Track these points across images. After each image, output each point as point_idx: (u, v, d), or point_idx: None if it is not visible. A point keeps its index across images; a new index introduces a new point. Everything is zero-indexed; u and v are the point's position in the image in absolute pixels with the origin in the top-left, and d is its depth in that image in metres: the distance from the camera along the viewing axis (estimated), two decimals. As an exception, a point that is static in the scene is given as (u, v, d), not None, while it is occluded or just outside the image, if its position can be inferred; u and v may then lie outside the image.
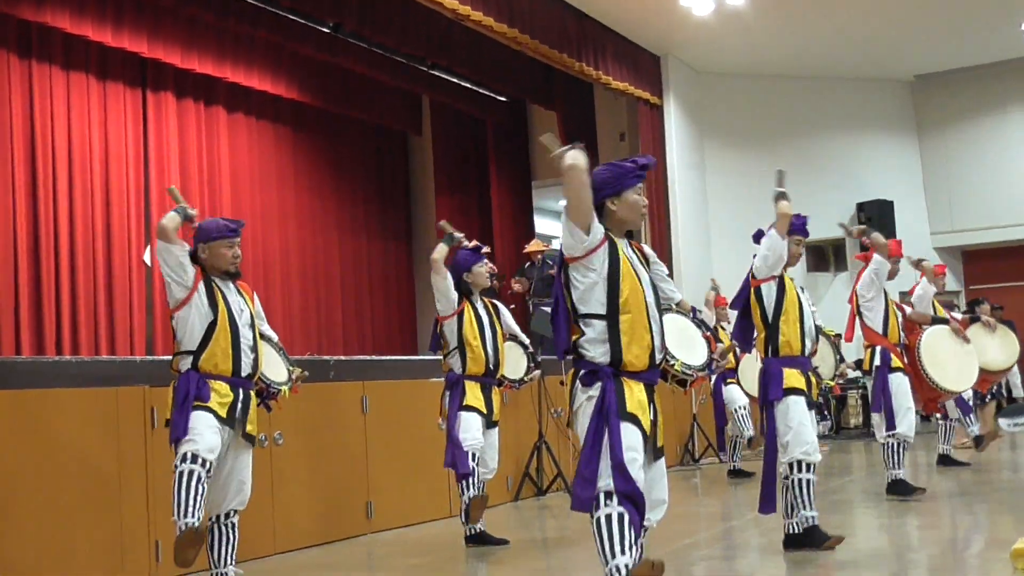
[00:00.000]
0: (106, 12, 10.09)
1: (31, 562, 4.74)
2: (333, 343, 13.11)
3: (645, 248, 4.06)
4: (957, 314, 8.61)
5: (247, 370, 4.65)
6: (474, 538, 6.05)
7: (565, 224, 3.68)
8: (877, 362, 7.13)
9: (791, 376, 5.27)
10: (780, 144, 14.37)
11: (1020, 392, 11.77)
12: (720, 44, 13.18)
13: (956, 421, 8.98)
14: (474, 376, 5.98)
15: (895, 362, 7.09)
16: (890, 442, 7.00)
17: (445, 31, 11.35)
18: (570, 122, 13.32)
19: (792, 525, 5.30)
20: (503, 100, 14.26)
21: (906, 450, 7.07)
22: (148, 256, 9.26)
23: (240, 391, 4.62)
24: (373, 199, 14.48)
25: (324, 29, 11.14)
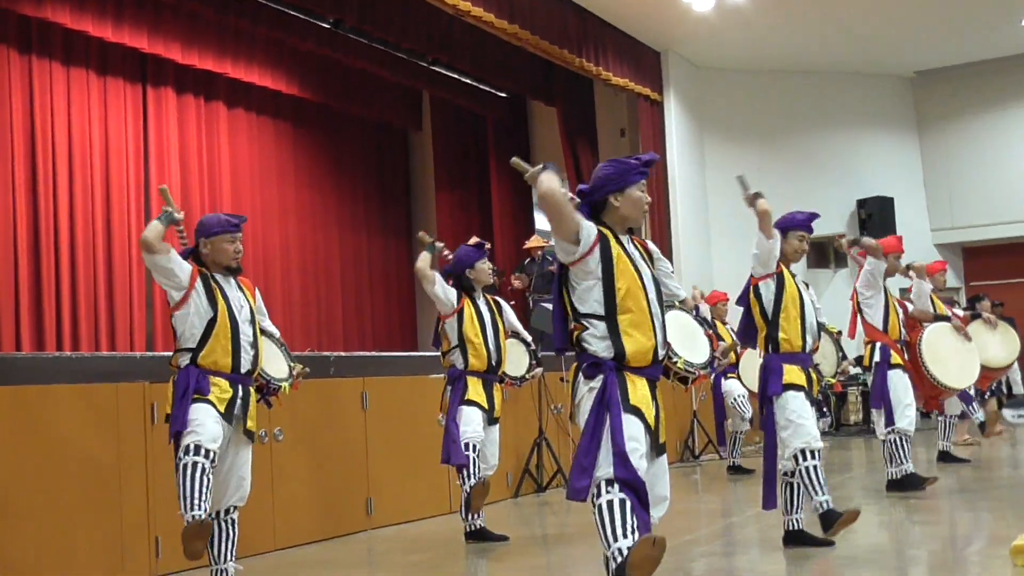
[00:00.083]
0: (106, 8, 10.09)
1: (31, 558, 4.74)
2: (333, 339, 13.11)
3: (649, 244, 4.07)
4: (958, 310, 8.59)
5: (247, 367, 4.65)
6: (474, 534, 6.05)
7: (554, 240, 3.79)
8: (877, 358, 7.12)
9: (791, 372, 5.26)
10: (780, 140, 14.38)
11: (1020, 389, 11.78)
12: (720, 39, 13.16)
13: (955, 418, 8.99)
14: (476, 372, 5.99)
15: (895, 358, 7.09)
16: (891, 438, 7.00)
17: (446, 27, 11.36)
18: (570, 118, 13.32)
19: (792, 522, 5.31)
20: (503, 96, 14.24)
21: (908, 443, 7.06)
22: None
23: (239, 388, 4.61)
24: (373, 195, 14.47)
25: (324, 25, 11.13)
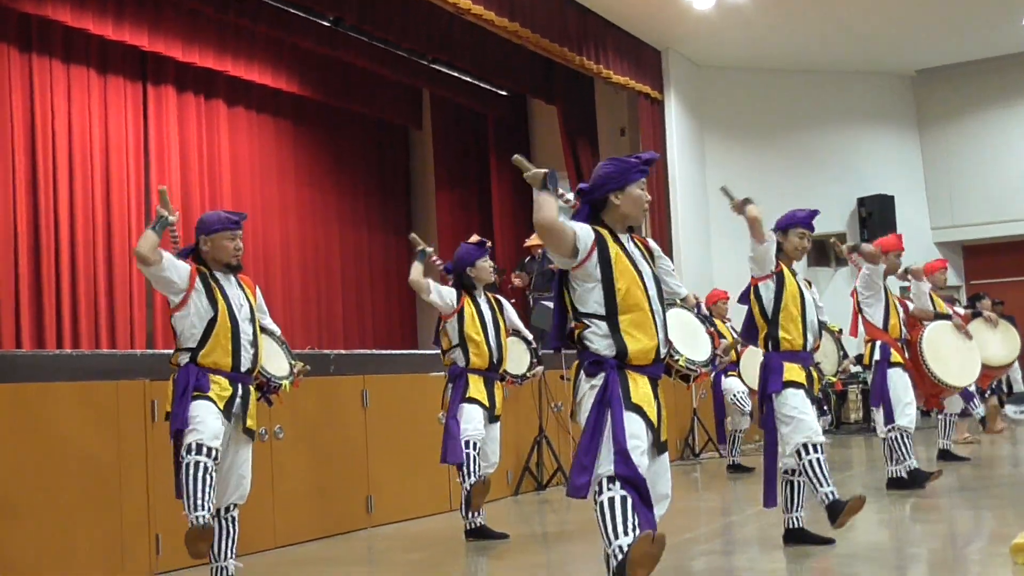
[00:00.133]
0: (107, 6, 10.09)
1: (31, 556, 4.74)
2: (333, 337, 13.11)
3: (650, 242, 4.06)
4: (959, 309, 8.60)
5: (247, 365, 4.64)
6: (474, 532, 6.05)
7: (552, 256, 3.86)
8: (877, 357, 7.11)
9: (791, 370, 5.25)
10: (781, 138, 14.38)
11: (1021, 387, 11.78)
12: (721, 38, 13.15)
13: (956, 416, 8.99)
14: (477, 370, 5.99)
15: (895, 357, 7.09)
16: (892, 435, 6.99)
17: (446, 25, 11.36)
18: (571, 117, 13.32)
19: (792, 520, 5.30)
20: (504, 95, 14.23)
21: (910, 439, 7.05)
22: None
23: (239, 386, 4.61)
24: (373, 193, 14.47)
25: (325, 23, 11.13)
